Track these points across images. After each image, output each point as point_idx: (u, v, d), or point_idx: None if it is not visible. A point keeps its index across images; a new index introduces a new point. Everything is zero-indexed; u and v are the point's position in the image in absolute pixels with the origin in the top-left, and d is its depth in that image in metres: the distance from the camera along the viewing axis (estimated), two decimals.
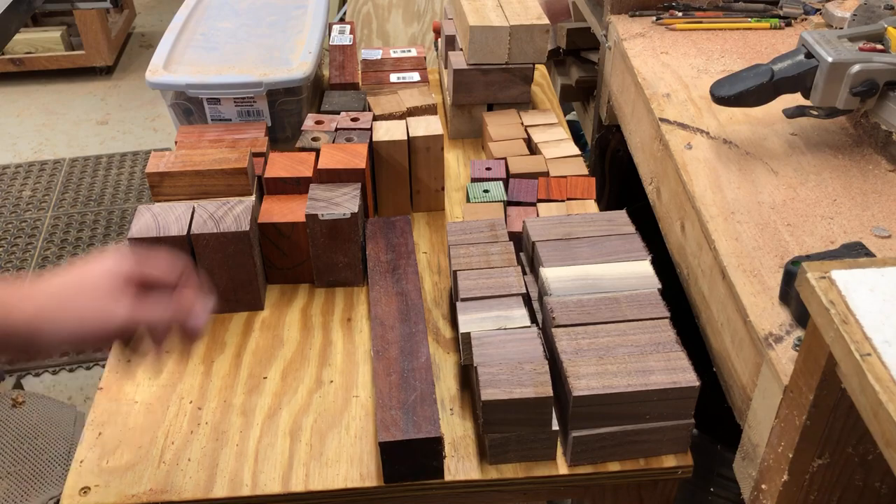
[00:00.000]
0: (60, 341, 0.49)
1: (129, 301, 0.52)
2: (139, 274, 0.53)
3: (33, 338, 0.49)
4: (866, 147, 0.76)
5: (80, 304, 0.50)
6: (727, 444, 0.84)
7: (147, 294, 0.53)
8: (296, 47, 0.97)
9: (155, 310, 0.53)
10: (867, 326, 0.41)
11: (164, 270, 0.55)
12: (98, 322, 0.50)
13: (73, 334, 0.50)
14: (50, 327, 0.49)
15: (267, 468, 0.64)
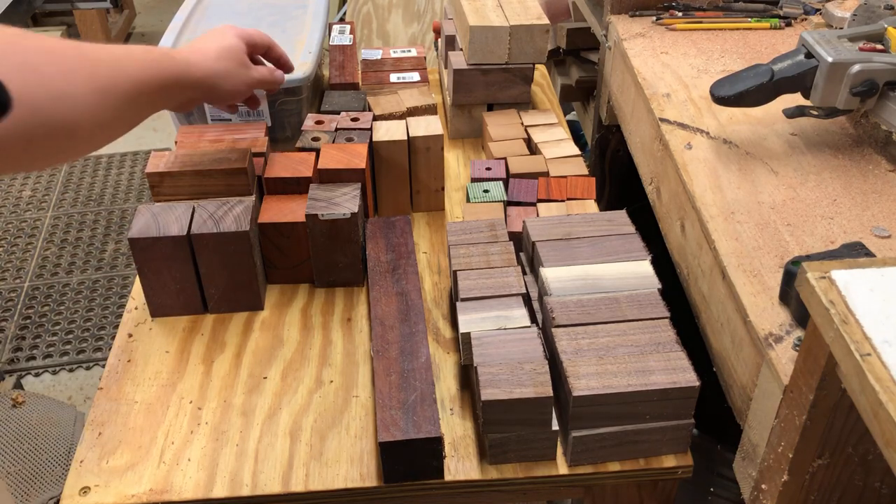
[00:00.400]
0: (226, 93, 0.73)
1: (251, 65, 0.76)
2: (251, 43, 0.77)
3: (211, 88, 0.71)
4: (866, 147, 0.76)
5: (233, 69, 0.73)
6: (727, 444, 0.85)
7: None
8: (296, 47, 0.97)
9: (264, 69, 0.79)
10: (867, 326, 0.41)
11: (263, 39, 0.79)
12: (245, 79, 0.75)
13: (234, 89, 0.74)
14: (220, 82, 0.72)
15: (267, 468, 0.64)
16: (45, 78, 0.49)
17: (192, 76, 0.68)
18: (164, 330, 0.77)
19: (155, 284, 0.76)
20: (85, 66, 0.54)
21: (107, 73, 0.56)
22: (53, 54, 0.51)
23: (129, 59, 0.59)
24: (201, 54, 0.70)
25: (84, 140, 0.55)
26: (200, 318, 0.78)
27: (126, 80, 0.58)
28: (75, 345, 1.64)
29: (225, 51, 0.72)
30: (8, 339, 1.65)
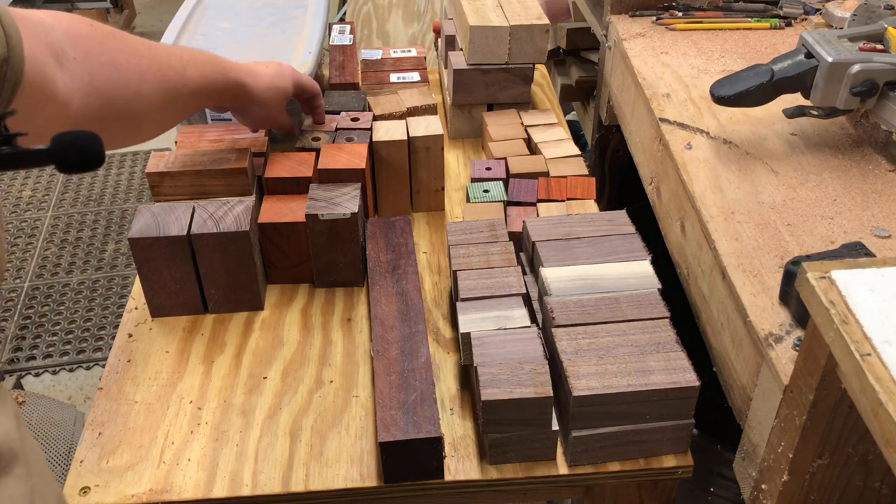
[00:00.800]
0: (252, 119, 0.78)
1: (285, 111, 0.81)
2: (300, 88, 0.82)
3: (244, 109, 0.76)
4: (866, 147, 0.76)
5: (272, 105, 0.78)
6: (727, 444, 0.85)
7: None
8: (296, 47, 0.97)
9: (290, 121, 0.83)
10: (867, 326, 0.41)
11: (313, 88, 0.84)
12: (273, 118, 0.79)
13: (259, 119, 0.78)
14: (256, 110, 0.76)
15: (267, 468, 0.64)
16: (123, 76, 0.58)
17: (239, 94, 0.74)
18: (164, 330, 0.77)
19: (155, 284, 0.76)
20: (157, 69, 0.62)
21: (174, 77, 0.64)
22: (134, 55, 0.60)
23: (193, 67, 0.67)
24: (254, 78, 0.75)
25: (145, 130, 0.64)
26: (200, 318, 0.78)
27: (187, 86, 0.66)
28: (75, 345, 1.64)
29: (275, 89, 0.77)
30: (8, 339, 1.65)
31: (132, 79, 0.59)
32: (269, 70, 0.77)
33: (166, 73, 0.63)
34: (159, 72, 0.62)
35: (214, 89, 0.70)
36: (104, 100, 0.56)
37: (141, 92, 0.60)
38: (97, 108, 0.56)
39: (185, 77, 0.66)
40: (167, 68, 0.63)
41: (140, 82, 0.60)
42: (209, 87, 0.69)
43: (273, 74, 0.77)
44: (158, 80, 0.62)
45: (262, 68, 0.77)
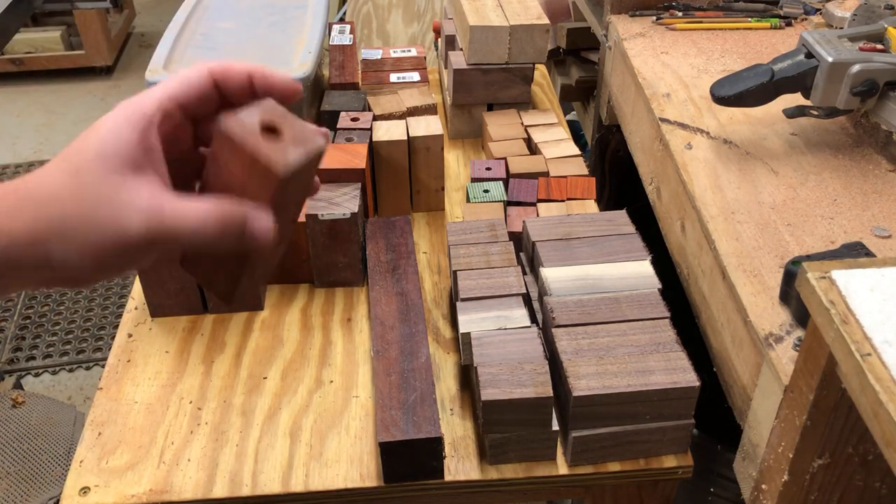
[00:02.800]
0: (80, 261, 0.33)
1: (156, 178, 0.34)
2: (191, 93, 0.37)
3: (44, 259, 0.32)
4: (866, 147, 0.76)
5: (87, 197, 0.32)
6: (727, 444, 0.84)
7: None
8: (296, 47, 0.97)
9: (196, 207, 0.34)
10: (867, 326, 0.41)
11: (226, 71, 0.37)
12: (112, 225, 0.33)
13: (94, 248, 0.33)
14: (59, 243, 0.32)
15: (267, 468, 0.64)
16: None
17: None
18: (164, 330, 0.77)
19: (155, 284, 0.76)
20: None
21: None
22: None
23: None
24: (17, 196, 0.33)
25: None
26: (200, 318, 0.78)
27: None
28: (75, 345, 1.64)
29: (83, 160, 0.34)
30: (8, 339, 1.65)
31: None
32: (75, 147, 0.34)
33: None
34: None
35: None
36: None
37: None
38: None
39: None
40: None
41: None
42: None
43: (85, 138, 0.35)
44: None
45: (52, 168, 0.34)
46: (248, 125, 0.35)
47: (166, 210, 0.34)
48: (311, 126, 0.37)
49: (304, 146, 0.36)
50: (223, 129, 0.35)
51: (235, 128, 0.35)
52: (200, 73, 0.37)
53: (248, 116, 0.36)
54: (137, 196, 0.33)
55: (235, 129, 0.35)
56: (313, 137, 0.37)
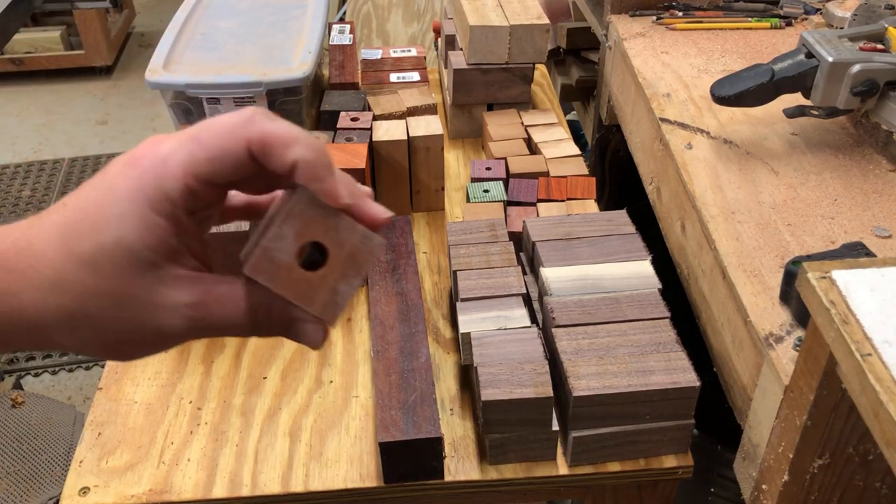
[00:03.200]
0: (101, 351, 0.30)
1: (190, 273, 0.30)
2: (199, 188, 0.29)
3: (47, 342, 0.29)
4: (867, 147, 0.76)
5: (114, 297, 0.28)
6: (727, 444, 0.84)
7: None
8: (295, 47, 0.97)
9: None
10: (868, 326, 0.41)
11: (266, 135, 0.29)
12: (147, 327, 0.29)
13: (120, 343, 0.30)
14: (70, 336, 0.29)
15: (266, 468, 0.64)
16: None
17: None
18: None
19: None
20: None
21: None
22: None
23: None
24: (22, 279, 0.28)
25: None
26: None
27: None
28: None
29: (100, 250, 0.28)
30: None
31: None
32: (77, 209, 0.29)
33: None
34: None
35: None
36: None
37: None
38: None
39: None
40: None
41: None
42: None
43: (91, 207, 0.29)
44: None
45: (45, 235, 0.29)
46: (280, 254, 0.27)
47: (210, 304, 0.30)
48: (362, 229, 0.28)
49: (355, 270, 0.27)
50: (247, 263, 0.28)
51: (262, 262, 0.27)
52: (236, 143, 0.28)
53: (279, 239, 0.27)
54: (176, 294, 0.29)
55: (262, 263, 0.27)
56: (367, 249, 0.28)
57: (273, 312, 0.30)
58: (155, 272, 0.29)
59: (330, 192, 0.29)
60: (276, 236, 0.28)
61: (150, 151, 0.29)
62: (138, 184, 0.28)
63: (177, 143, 0.29)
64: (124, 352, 0.31)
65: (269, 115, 0.29)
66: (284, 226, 0.28)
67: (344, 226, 0.28)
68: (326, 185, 0.29)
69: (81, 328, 0.29)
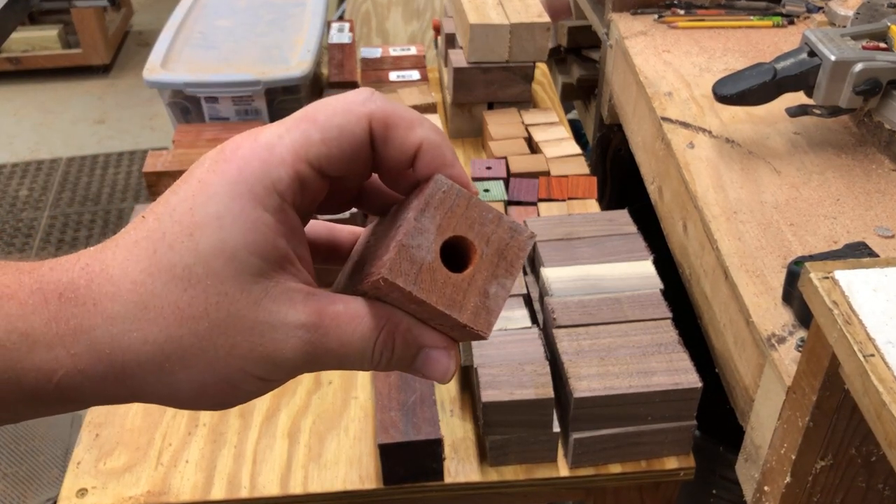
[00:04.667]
0: (194, 400, 0.25)
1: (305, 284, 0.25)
2: (310, 175, 0.24)
3: (119, 389, 0.24)
4: (870, 146, 0.76)
5: (215, 320, 0.23)
6: (729, 445, 0.84)
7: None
8: (294, 45, 0.97)
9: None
10: (870, 327, 0.41)
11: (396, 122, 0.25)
12: (256, 354, 0.24)
13: (221, 383, 0.24)
14: (154, 383, 0.24)
15: (265, 470, 0.63)
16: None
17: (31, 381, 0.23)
18: None
19: None
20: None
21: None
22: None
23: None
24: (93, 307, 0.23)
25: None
26: None
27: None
28: None
29: (196, 259, 0.23)
30: None
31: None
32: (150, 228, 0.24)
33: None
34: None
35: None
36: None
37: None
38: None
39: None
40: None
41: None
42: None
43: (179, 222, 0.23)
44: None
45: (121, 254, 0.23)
46: (421, 252, 0.23)
47: (328, 325, 0.24)
48: (509, 221, 0.24)
49: (506, 269, 0.24)
50: (382, 265, 0.23)
51: (401, 262, 0.23)
52: (357, 121, 0.24)
53: (419, 233, 0.23)
54: (288, 311, 0.24)
55: (401, 263, 0.23)
56: (517, 244, 0.24)
57: (397, 337, 0.25)
58: (263, 284, 0.23)
59: (461, 179, 0.25)
60: (416, 231, 0.23)
61: (246, 140, 0.24)
62: (239, 176, 0.23)
63: (283, 127, 0.24)
64: (226, 395, 0.24)
65: (385, 97, 0.25)
66: (424, 218, 0.23)
67: (490, 218, 0.24)
68: (456, 171, 0.25)
69: (173, 368, 0.23)
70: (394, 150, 0.25)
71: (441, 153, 0.25)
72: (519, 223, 0.25)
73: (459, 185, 0.25)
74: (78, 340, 0.22)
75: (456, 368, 0.26)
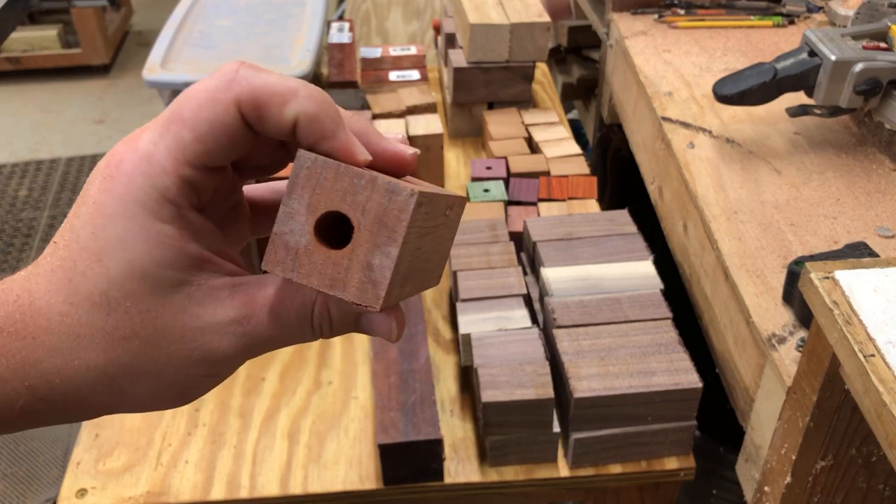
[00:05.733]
0: (135, 405, 0.25)
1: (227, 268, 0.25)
2: (195, 176, 0.24)
3: (81, 408, 0.25)
4: (870, 146, 0.76)
5: (140, 336, 0.24)
6: (730, 445, 0.84)
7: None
8: (294, 45, 0.97)
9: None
10: (871, 327, 0.41)
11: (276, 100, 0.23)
12: (189, 361, 0.24)
13: (157, 391, 0.25)
14: (97, 396, 0.24)
15: (265, 470, 0.63)
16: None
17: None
18: None
19: None
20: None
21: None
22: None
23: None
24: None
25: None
26: None
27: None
28: None
29: (110, 284, 0.23)
30: None
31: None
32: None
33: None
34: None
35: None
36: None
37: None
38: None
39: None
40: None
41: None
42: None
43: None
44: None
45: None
46: (294, 237, 0.22)
47: (259, 314, 0.24)
48: (384, 183, 0.22)
49: (387, 236, 0.22)
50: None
51: (277, 252, 0.22)
52: (223, 110, 0.23)
53: (289, 218, 0.22)
54: (215, 310, 0.24)
55: (277, 253, 0.22)
56: (397, 206, 0.22)
57: (331, 307, 0.25)
58: (182, 291, 0.24)
59: (343, 150, 0.23)
60: (285, 216, 0.23)
61: (127, 152, 0.23)
62: (127, 194, 0.23)
63: (156, 132, 0.23)
64: (180, 396, 0.25)
65: (257, 66, 0.24)
66: (291, 201, 0.23)
67: (362, 185, 0.22)
68: (338, 142, 0.23)
69: (121, 384, 0.24)
70: (271, 128, 0.24)
71: (319, 126, 0.23)
72: (398, 182, 0.22)
73: (343, 156, 0.23)
74: (29, 374, 0.23)
75: (400, 326, 0.26)
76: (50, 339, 0.23)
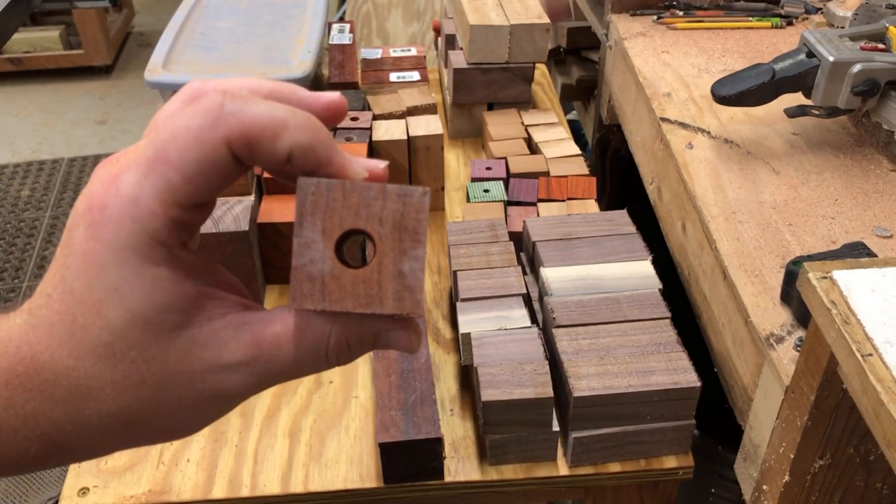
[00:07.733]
0: (152, 440, 0.26)
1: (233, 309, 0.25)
2: (182, 216, 0.23)
3: (96, 449, 0.25)
4: (868, 147, 0.76)
5: (150, 385, 0.24)
6: (728, 444, 0.84)
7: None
8: (295, 46, 0.97)
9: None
10: (869, 327, 0.41)
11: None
12: (201, 404, 0.25)
13: (166, 431, 0.25)
14: (111, 439, 0.25)
15: (266, 469, 0.63)
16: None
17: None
18: None
19: None
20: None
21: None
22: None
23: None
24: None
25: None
26: None
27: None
28: None
29: (113, 335, 0.23)
30: None
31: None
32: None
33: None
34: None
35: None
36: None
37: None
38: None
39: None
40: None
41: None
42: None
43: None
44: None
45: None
46: (316, 266, 0.22)
47: (267, 353, 0.24)
48: (394, 189, 0.22)
49: (411, 239, 0.22)
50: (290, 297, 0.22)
51: (302, 286, 0.22)
52: (213, 150, 0.22)
53: (307, 248, 0.22)
54: (221, 352, 0.24)
55: (303, 288, 0.22)
56: (413, 207, 0.22)
57: (349, 336, 0.24)
58: (186, 334, 0.23)
59: (340, 172, 0.23)
60: (301, 247, 0.22)
61: (108, 195, 0.23)
62: (116, 240, 0.22)
63: (140, 173, 0.22)
64: (195, 427, 0.26)
65: (240, 96, 0.23)
66: (304, 230, 0.22)
67: (372, 196, 0.22)
68: (335, 166, 0.23)
69: (136, 428, 0.24)
70: (263, 162, 0.23)
71: (315, 154, 0.23)
72: (408, 186, 0.23)
73: (341, 177, 0.23)
74: (40, 423, 0.23)
75: (419, 337, 0.26)
76: (58, 391, 0.23)
